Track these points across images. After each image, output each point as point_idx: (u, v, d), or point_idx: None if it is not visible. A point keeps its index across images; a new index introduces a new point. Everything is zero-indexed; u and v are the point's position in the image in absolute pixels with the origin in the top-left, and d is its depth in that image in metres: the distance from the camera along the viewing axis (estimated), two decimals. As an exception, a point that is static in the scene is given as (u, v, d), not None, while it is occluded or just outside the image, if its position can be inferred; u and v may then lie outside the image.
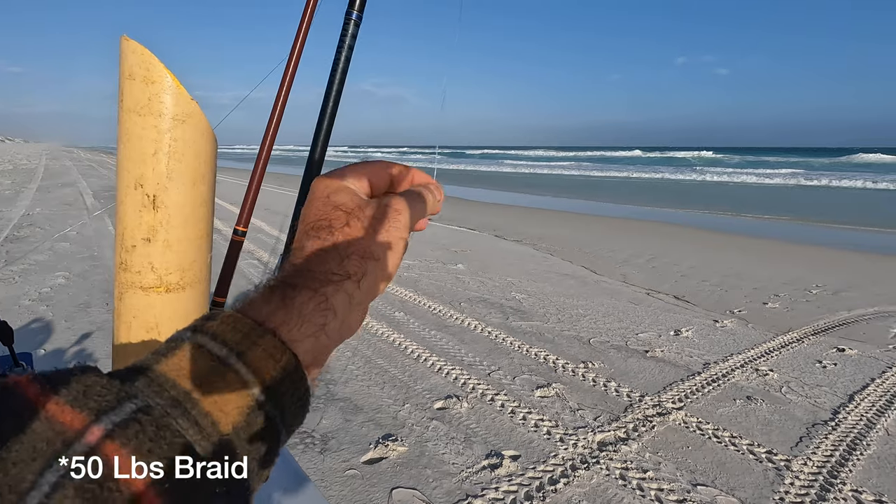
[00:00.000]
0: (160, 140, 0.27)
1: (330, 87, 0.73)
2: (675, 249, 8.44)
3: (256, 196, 0.92)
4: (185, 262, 0.28)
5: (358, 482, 2.28)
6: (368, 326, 4.33)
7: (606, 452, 2.61)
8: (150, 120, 0.26)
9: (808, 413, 3.17)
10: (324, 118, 0.75)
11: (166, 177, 0.27)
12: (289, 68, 0.85)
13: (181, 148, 0.27)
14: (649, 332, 4.52)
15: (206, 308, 0.31)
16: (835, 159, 48.79)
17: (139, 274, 0.28)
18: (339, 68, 0.71)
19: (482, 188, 20.34)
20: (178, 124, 0.27)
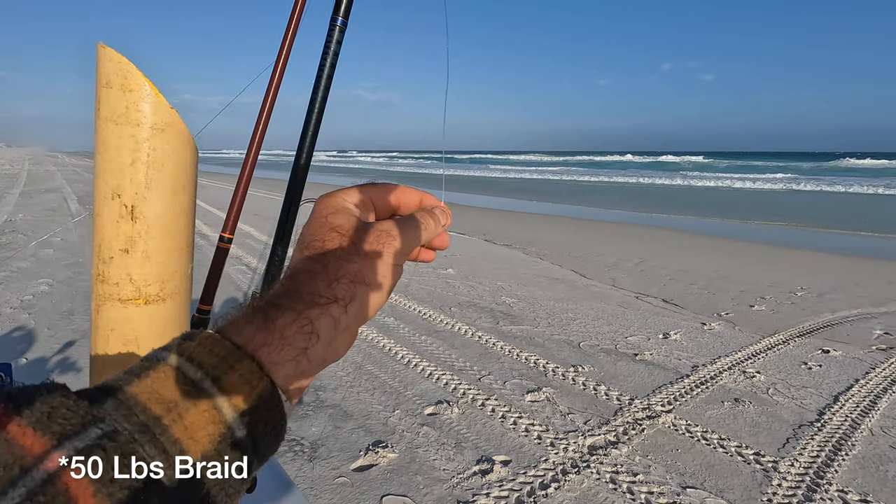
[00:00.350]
0: (138, 149, 0.26)
1: (315, 92, 0.73)
2: (663, 253, 8.52)
3: (243, 202, 0.91)
4: (164, 273, 0.28)
5: (348, 490, 2.26)
6: (358, 332, 4.30)
7: (597, 456, 2.61)
8: (127, 129, 0.26)
9: (795, 414, 3.20)
10: (309, 123, 0.74)
11: (145, 187, 0.27)
12: (275, 74, 0.85)
13: (160, 157, 0.27)
14: (638, 335, 4.55)
15: (188, 320, 0.31)
16: (822, 164, 49.50)
17: (117, 286, 0.27)
18: (324, 74, 0.71)
19: (472, 193, 20.39)
20: (156, 133, 0.26)
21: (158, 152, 0.27)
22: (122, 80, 0.25)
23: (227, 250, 0.90)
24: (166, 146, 0.27)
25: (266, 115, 0.87)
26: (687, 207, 15.88)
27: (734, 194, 20.98)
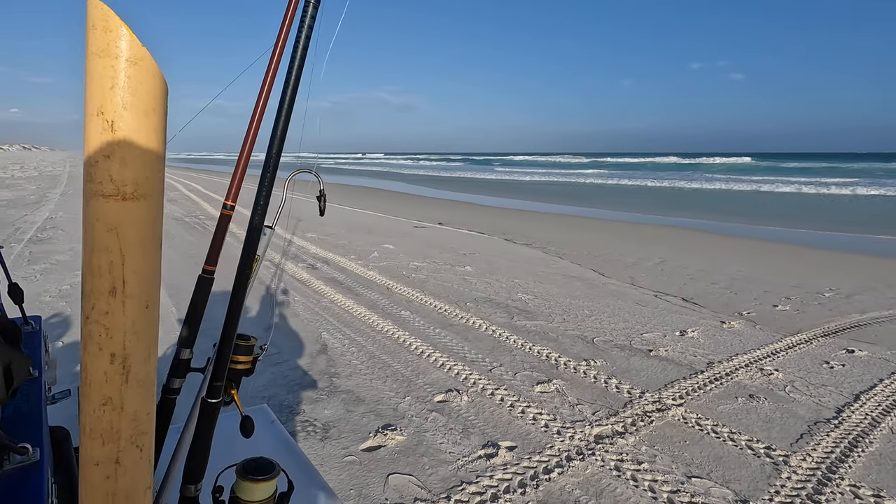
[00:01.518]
0: (116, 77, 0.34)
1: (288, 79, 0.80)
2: (685, 253, 8.39)
3: (243, 176, 1.00)
4: (139, 177, 0.35)
5: (356, 468, 2.35)
6: (374, 324, 4.41)
7: (602, 445, 2.63)
8: (108, 61, 0.33)
9: (811, 411, 3.15)
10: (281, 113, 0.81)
11: (122, 107, 0.34)
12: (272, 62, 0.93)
13: (134, 84, 0.34)
14: (654, 332, 4.52)
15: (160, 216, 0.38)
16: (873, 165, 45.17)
17: (101, 184, 0.35)
18: (297, 56, 0.78)
19: (494, 195, 20.39)
20: (131, 65, 0.34)
21: (133, 80, 0.34)
22: (104, 23, 0.33)
23: (230, 217, 0.99)
24: (139, 75, 0.35)
25: (265, 96, 0.95)
26: (715, 210, 15.54)
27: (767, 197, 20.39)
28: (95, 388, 0.37)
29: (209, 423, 0.78)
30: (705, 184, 25.57)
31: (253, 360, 1.01)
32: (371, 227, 10.53)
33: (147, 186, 0.36)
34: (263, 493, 0.70)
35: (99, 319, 0.37)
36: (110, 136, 0.34)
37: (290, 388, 3.15)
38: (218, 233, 0.96)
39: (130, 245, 0.36)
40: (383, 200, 16.83)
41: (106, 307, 0.36)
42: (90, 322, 0.37)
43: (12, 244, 7.22)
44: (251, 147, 0.98)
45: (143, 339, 0.39)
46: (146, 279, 0.38)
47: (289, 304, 4.94)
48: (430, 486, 2.23)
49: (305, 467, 1.12)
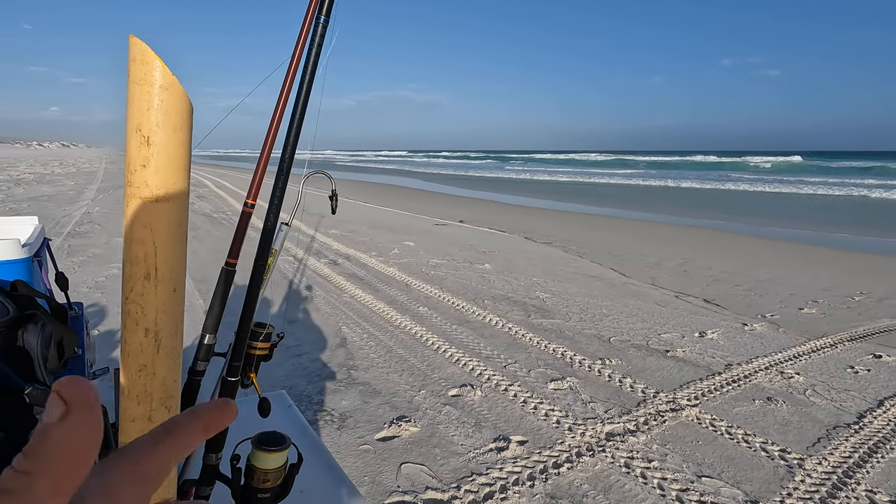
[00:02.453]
0: (151, 101, 0.41)
1: (300, 90, 0.88)
2: (710, 254, 8.26)
3: (263, 176, 1.08)
4: (169, 182, 0.43)
5: (370, 456, 2.43)
6: (392, 319, 4.50)
7: (613, 442, 2.66)
8: (145, 88, 0.41)
9: (831, 416, 3.10)
10: (294, 118, 0.89)
11: (156, 125, 0.42)
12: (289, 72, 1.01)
13: (165, 106, 0.42)
14: (673, 333, 4.49)
15: (186, 214, 0.45)
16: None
17: (138, 188, 0.43)
18: (307, 71, 0.86)
19: (517, 194, 20.35)
20: (163, 91, 0.41)
21: (164, 103, 0.42)
22: (142, 56, 0.40)
23: (250, 214, 1.07)
24: (170, 99, 0.42)
25: (283, 101, 1.03)
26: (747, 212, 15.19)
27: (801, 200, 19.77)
28: (133, 357, 0.45)
29: (228, 398, 0.86)
30: (742, 185, 24.33)
31: (271, 347, 1.10)
32: (392, 224, 10.67)
33: (175, 190, 0.44)
34: (275, 462, 0.78)
35: (136, 300, 0.44)
36: (146, 150, 0.42)
37: (309, 379, 3.26)
38: (240, 228, 1.04)
39: (161, 238, 0.44)
40: (405, 198, 16.97)
41: (142, 290, 0.44)
42: (129, 302, 0.45)
43: (53, 237, 7.58)
44: (270, 150, 1.06)
45: (171, 317, 0.46)
46: (174, 267, 0.45)
47: (310, 299, 5.08)
48: (441, 476, 2.30)
49: (318, 448, 1.20)
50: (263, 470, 0.77)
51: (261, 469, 0.77)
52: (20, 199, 12.04)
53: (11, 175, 19.81)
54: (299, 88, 0.84)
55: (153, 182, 0.42)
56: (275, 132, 1.04)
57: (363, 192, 18.60)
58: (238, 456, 0.80)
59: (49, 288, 1.10)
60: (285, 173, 0.88)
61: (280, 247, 1.00)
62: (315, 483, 1.10)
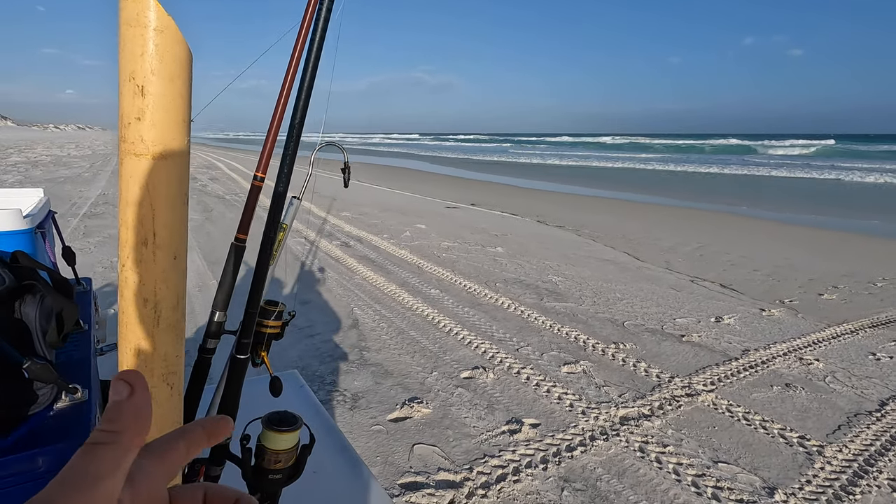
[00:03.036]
0: (146, 45, 0.37)
1: (309, 55, 0.83)
2: (725, 238, 8.10)
3: (273, 148, 1.04)
4: (166, 138, 0.39)
5: (382, 437, 2.43)
6: (404, 301, 4.49)
7: (628, 426, 2.63)
8: (138, 30, 0.36)
9: (852, 403, 3.03)
10: (299, 100, 0.85)
11: (150, 73, 0.37)
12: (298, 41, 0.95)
13: (161, 51, 0.37)
14: (688, 317, 4.42)
15: (186, 174, 0.41)
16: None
17: (133, 144, 0.39)
18: (318, 32, 0.81)
19: (531, 179, 20.14)
20: (158, 34, 0.37)
21: (159, 48, 0.37)
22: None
23: (260, 187, 1.03)
24: (165, 43, 0.37)
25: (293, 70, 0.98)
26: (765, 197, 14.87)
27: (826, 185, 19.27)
28: (130, 330, 0.42)
29: (238, 376, 0.83)
30: (764, 170, 23.27)
31: (282, 326, 1.07)
32: (404, 207, 10.62)
33: (174, 147, 0.39)
34: (286, 443, 0.75)
35: (133, 268, 0.41)
36: (141, 101, 0.37)
37: (322, 360, 3.27)
38: (249, 203, 1.01)
39: (160, 200, 0.40)
40: (416, 181, 16.89)
41: (139, 257, 0.41)
42: (125, 270, 0.41)
43: (69, 218, 7.67)
44: (280, 120, 1.01)
45: (171, 287, 0.43)
46: (174, 232, 0.42)
47: (322, 280, 5.08)
48: (453, 458, 2.29)
49: (330, 428, 1.18)
50: (274, 451, 0.75)
51: (272, 450, 0.75)
52: (37, 181, 12.19)
53: (29, 157, 20.06)
54: (309, 48, 0.79)
55: (149, 137, 0.38)
56: (287, 94, 0.99)
57: (374, 174, 18.53)
58: (248, 436, 0.77)
59: (53, 261, 1.09)
60: (295, 139, 0.84)
61: (291, 222, 0.97)
62: (327, 463, 1.08)
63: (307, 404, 1.29)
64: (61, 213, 8.02)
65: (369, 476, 1.04)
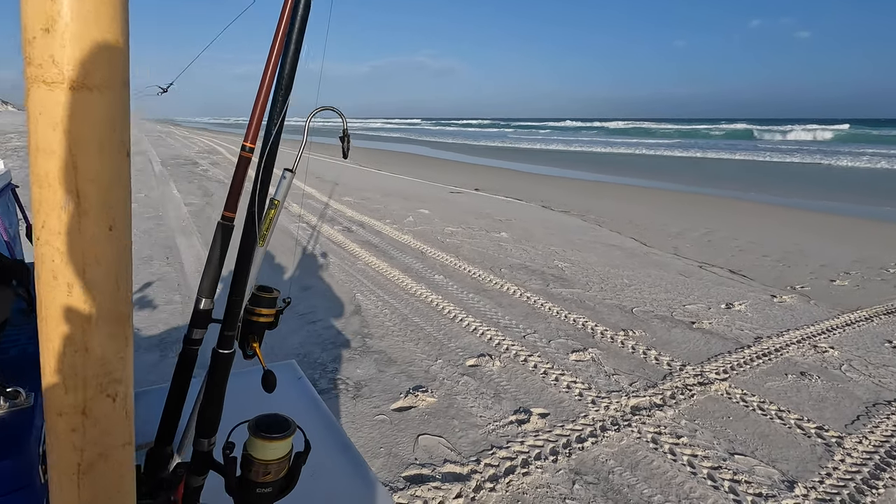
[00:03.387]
0: None
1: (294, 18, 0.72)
2: (734, 224, 7.96)
3: (262, 116, 0.92)
4: (92, 61, 0.28)
5: (386, 427, 2.35)
6: (408, 287, 4.39)
7: (639, 417, 2.54)
8: None
9: (870, 392, 2.94)
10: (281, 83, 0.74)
11: None
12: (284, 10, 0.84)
13: None
14: (698, 304, 4.31)
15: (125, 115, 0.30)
16: None
17: (41, 67, 0.28)
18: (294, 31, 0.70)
19: (535, 164, 19.93)
20: None
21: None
22: None
23: (249, 159, 0.92)
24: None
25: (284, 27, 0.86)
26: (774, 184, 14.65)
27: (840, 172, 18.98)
28: (52, 325, 0.31)
29: (221, 374, 0.73)
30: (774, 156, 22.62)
31: (276, 314, 0.96)
32: (406, 192, 10.48)
33: (103, 74, 0.28)
34: (276, 452, 0.65)
35: (51, 241, 0.30)
36: (50, 4, 0.26)
37: (324, 347, 3.18)
38: (237, 176, 0.89)
39: (84, 147, 0.29)
40: (419, 166, 16.70)
41: (58, 226, 0.30)
42: (42, 244, 0.30)
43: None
44: (273, 74, 0.90)
45: (107, 267, 0.32)
46: (108, 192, 0.30)
47: (324, 266, 4.98)
48: (459, 449, 2.21)
49: (331, 426, 1.09)
50: (263, 461, 0.64)
51: (260, 460, 0.64)
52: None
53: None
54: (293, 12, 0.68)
55: (64, 58, 0.27)
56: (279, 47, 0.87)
57: (377, 159, 18.33)
58: (232, 444, 0.67)
59: (7, 240, 0.98)
60: (284, 92, 0.72)
61: (283, 198, 0.85)
62: (327, 464, 0.99)
63: (305, 398, 1.20)
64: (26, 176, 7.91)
65: (374, 479, 0.95)
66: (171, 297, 3.89)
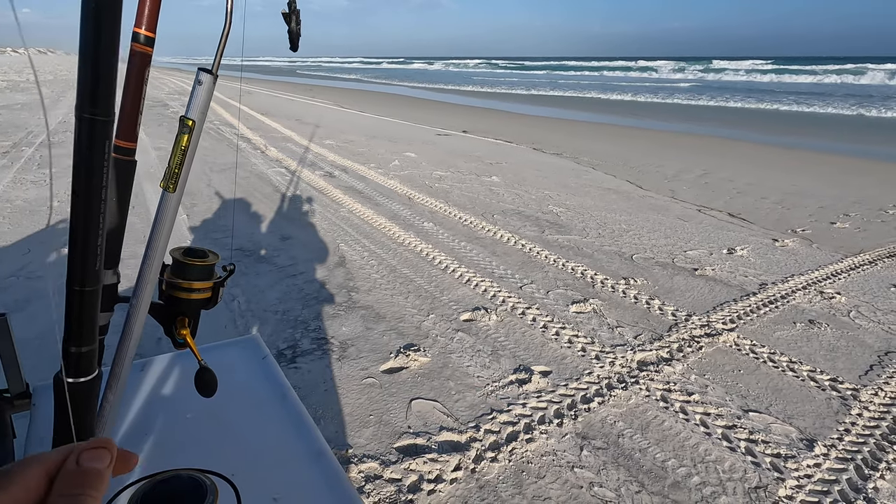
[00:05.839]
0: None
1: None
2: (730, 165, 7.72)
3: None
4: None
5: (376, 391, 2.15)
6: (395, 236, 4.12)
7: (647, 373, 2.38)
8: None
9: (881, 340, 2.82)
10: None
11: None
12: None
13: None
14: (699, 249, 4.13)
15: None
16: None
17: None
18: None
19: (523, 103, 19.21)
20: None
21: None
22: None
23: (148, 55, 0.61)
24: None
25: None
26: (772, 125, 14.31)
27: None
28: None
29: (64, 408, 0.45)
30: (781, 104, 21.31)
31: (214, 287, 0.69)
32: (391, 134, 9.96)
33: None
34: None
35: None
36: None
37: (305, 303, 2.94)
38: (130, 84, 0.58)
39: None
40: (404, 107, 15.94)
41: None
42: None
43: (24, 147, 6.99)
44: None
45: None
46: None
47: (305, 213, 4.66)
48: (456, 414, 2.03)
49: (301, 425, 0.85)
50: None
51: None
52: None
53: (-19, 83, 18.46)
54: None
55: None
56: None
57: (359, 100, 17.46)
58: None
59: None
60: None
61: (202, 114, 0.55)
62: (295, 476, 0.76)
63: (269, 386, 0.95)
64: (14, 143, 7.30)
65: (353, 495, 0.72)
66: (136, 251, 3.57)
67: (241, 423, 0.87)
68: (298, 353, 2.41)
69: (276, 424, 0.87)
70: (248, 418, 0.88)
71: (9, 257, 3.37)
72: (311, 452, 0.81)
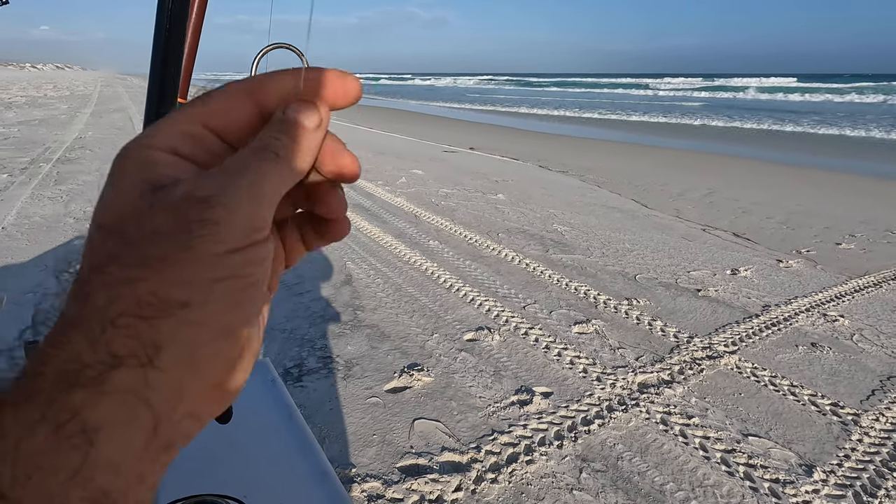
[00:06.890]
0: None
1: None
2: (735, 184, 7.75)
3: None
4: None
5: (380, 410, 2.20)
6: (401, 254, 4.19)
7: (647, 395, 2.41)
8: None
9: (884, 365, 2.82)
10: None
11: None
12: None
13: None
14: (703, 270, 4.16)
15: None
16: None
17: None
18: None
19: (530, 119, 19.38)
20: None
21: None
22: None
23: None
24: None
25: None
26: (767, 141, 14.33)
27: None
28: None
29: None
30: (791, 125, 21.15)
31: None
32: (398, 150, 10.11)
33: None
34: None
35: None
36: None
37: (312, 321, 3.00)
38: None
39: None
40: (412, 123, 16.17)
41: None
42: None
43: (41, 164, 7.18)
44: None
45: None
46: None
47: (313, 231, 4.75)
48: (458, 435, 2.07)
49: (306, 447, 0.91)
50: None
51: None
52: (10, 124, 11.48)
53: (3, 98, 18.99)
54: None
55: None
56: None
57: (367, 116, 17.72)
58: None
59: None
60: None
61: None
62: (299, 497, 0.81)
63: (278, 406, 1.01)
64: (32, 158, 7.51)
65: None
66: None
67: (250, 445, 0.92)
68: (304, 371, 2.47)
69: (283, 446, 0.92)
70: (257, 440, 0.93)
71: (26, 273, 3.47)
72: (315, 473, 0.86)
